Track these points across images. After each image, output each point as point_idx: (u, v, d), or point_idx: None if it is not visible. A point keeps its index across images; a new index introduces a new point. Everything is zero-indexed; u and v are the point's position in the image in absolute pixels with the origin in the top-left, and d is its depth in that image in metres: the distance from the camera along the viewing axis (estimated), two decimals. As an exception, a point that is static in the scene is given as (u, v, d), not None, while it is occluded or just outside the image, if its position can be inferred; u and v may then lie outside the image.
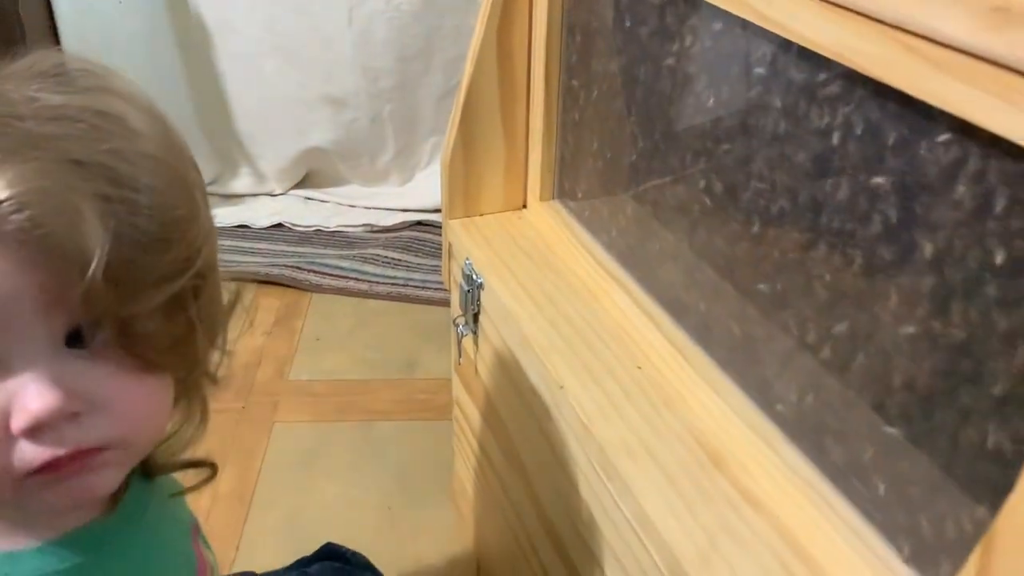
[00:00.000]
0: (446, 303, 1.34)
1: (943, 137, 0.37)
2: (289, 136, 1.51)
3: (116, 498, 0.43)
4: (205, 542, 0.52)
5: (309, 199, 1.59)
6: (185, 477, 0.49)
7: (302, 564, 0.75)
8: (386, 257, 1.43)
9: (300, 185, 1.61)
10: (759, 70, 0.47)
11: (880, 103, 0.40)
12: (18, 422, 0.33)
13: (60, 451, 0.34)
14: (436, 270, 1.39)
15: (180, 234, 0.35)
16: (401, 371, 1.17)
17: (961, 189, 0.36)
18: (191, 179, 0.37)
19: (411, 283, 1.37)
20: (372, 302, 1.33)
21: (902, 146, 0.39)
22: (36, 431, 0.33)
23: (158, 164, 0.35)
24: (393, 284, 1.37)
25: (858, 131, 0.41)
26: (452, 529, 0.93)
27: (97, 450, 0.35)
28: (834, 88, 0.42)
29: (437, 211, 1.53)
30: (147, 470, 0.44)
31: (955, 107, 0.33)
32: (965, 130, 0.35)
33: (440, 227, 1.50)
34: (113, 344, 0.35)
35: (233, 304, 0.42)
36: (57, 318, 0.33)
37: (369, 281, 1.37)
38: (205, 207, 0.38)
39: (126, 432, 0.36)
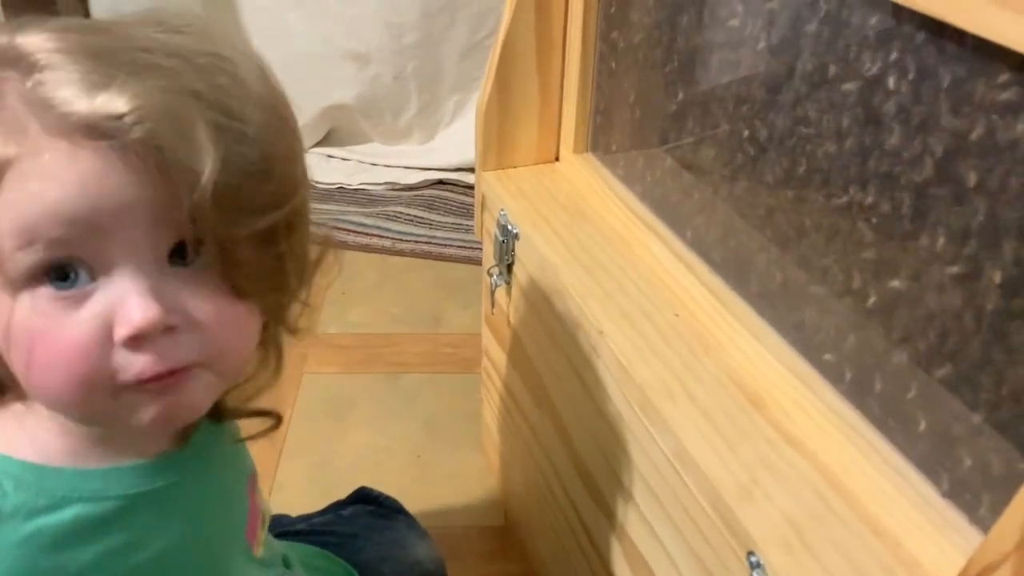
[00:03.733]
0: (469, 260, 1.36)
1: (1001, 77, 0.37)
2: (312, 92, 1.51)
3: (185, 436, 0.44)
4: (259, 492, 0.53)
5: (331, 157, 1.60)
6: (249, 426, 0.50)
7: (336, 507, 0.77)
8: (409, 215, 1.44)
9: (322, 143, 1.61)
10: (804, 14, 0.48)
11: (934, 44, 0.40)
12: (121, 331, 0.35)
13: (159, 368, 0.36)
14: (458, 228, 1.40)
15: (280, 168, 0.37)
16: (426, 325, 1.18)
17: (1017, 128, 0.37)
18: (291, 124, 0.39)
19: (434, 240, 1.38)
20: (395, 259, 1.34)
21: (953, 87, 0.39)
22: (136, 341, 0.35)
23: (263, 104, 0.37)
24: (416, 241, 1.37)
25: (909, 75, 0.42)
26: (480, 476, 0.95)
27: (189, 368, 0.37)
28: (883, 31, 0.43)
29: (458, 170, 1.53)
30: (217, 414, 0.46)
31: (1015, 42, 0.34)
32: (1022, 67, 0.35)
33: (461, 186, 1.53)
34: (210, 267, 0.37)
35: (318, 261, 0.44)
36: (164, 233, 0.35)
37: (392, 238, 1.38)
38: (301, 153, 0.40)
39: (217, 351, 0.38)
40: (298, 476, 0.94)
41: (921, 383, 0.44)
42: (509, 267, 0.74)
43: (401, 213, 1.44)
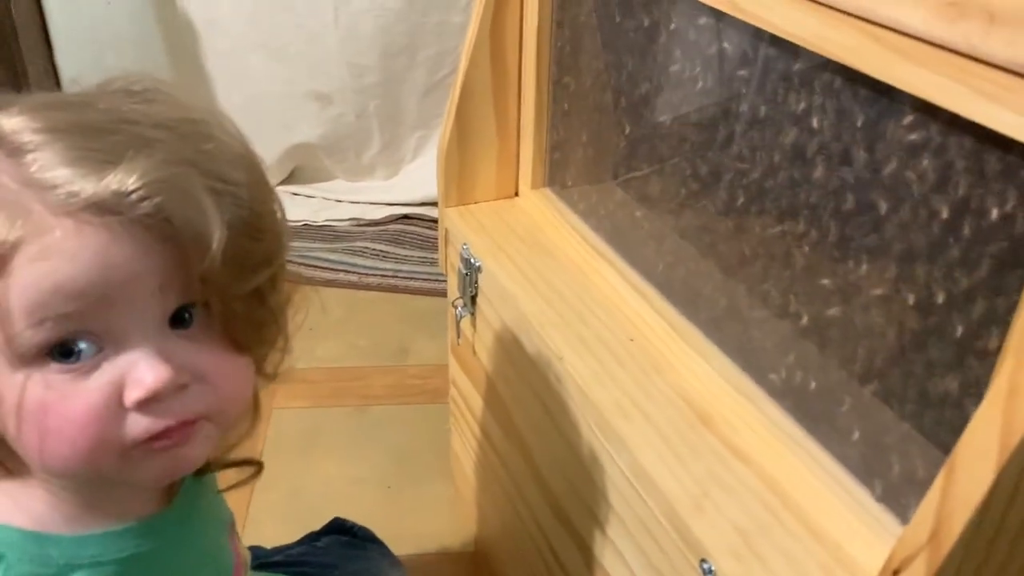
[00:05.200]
0: (435, 293, 1.39)
1: (908, 119, 0.41)
2: (276, 132, 1.54)
3: (171, 493, 0.46)
4: (239, 538, 0.55)
5: (296, 195, 1.62)
6: (224, 476, 0.51)
7: (311, 539, 0.79)
8: (374, 249, 1.47)
9: (286, 181, 1.64)
10: (738, 61, 0.52)
11: (850, 89, 0.44)
12: (133, 394, 0.36)
13: (169, 421, 0.37)
14: (424, 261, 1.43)
15: (270, 224, 0.40)
16: (393, 358, 1.21)
17: (923, 164, 0.41)
18: (266, 178, 0.41)
19: (400, 274, 1.40)
20: (362, 293, 1.36)
21: (870, 127, 0.44)
22: (148, 403, 0.36)
23: (247, 163, 0.39)
24: (383, 276, 1.40)
25: (830, 115, 0.46)
26: (450, 505, 0.97)
27: (197, 420, 0.38)
28: (807, 76, 0.47)
29: (423, 204, 1.57)
30: (200, 468, 0.46)
31: (918, 90, 0.38)
32: (927, 111, 0.39)
33: (426, 220, 1.56)
34: (209, 325, 0.38)
35: (288, 300, 0.45)
36: (170, 298, 0.37)
37: (359, 273, 1.40)
38: (280, 206, 0.42)
39: (222, 403, 0.39)
40: (271, 509, 0.96)
41: (854, 396, 0.48)
42: (473, 299, 0.77)
43: (367, 248, 1.47)
